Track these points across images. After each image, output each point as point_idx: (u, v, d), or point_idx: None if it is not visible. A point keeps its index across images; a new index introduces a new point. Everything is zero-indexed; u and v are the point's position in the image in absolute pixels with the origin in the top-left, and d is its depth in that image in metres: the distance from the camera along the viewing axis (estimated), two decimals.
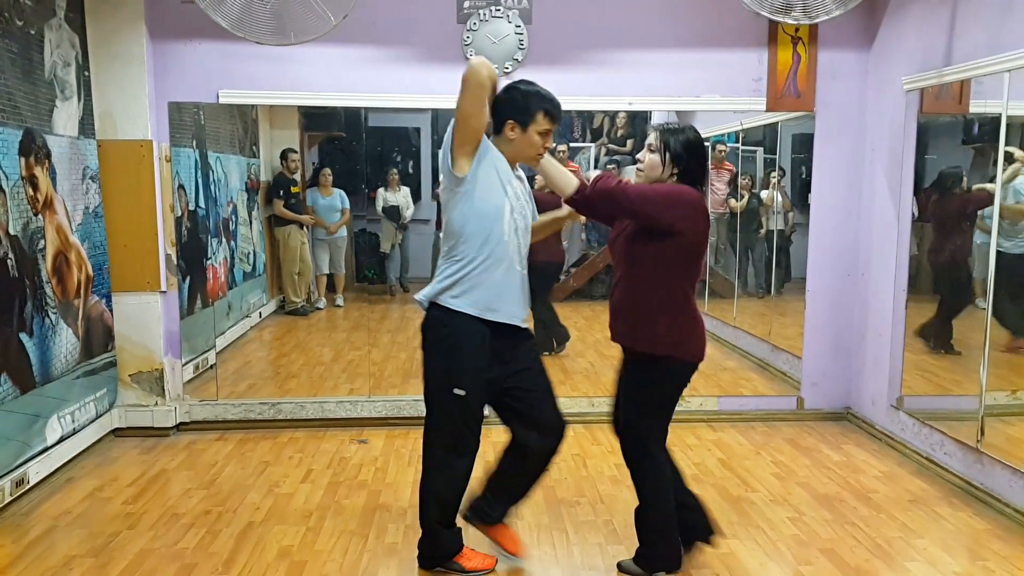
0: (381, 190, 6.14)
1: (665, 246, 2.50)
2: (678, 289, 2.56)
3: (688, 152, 2.55)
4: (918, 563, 2.85)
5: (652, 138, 2.59)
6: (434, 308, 2.61)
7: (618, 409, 2.78)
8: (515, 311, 2.63)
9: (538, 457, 2.75)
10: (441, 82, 4.20)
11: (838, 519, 3.21)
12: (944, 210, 3.85)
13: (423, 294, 2.64)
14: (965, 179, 3.76)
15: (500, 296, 2.57)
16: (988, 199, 3.41)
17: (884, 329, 4.15)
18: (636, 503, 2.74)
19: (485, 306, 2.55)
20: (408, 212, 6.16)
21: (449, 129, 2.49)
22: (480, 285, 2.55)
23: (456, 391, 2.57)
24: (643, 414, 2.65)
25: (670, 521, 2.69)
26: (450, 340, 2.58)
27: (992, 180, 3.37)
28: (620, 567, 2.80)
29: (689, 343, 2.60)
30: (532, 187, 2.76)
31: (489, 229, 2.52)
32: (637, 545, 2.75)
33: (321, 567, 2.81)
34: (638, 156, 2.66)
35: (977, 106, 3.58)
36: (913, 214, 3.96)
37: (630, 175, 2.98)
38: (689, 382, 2.66)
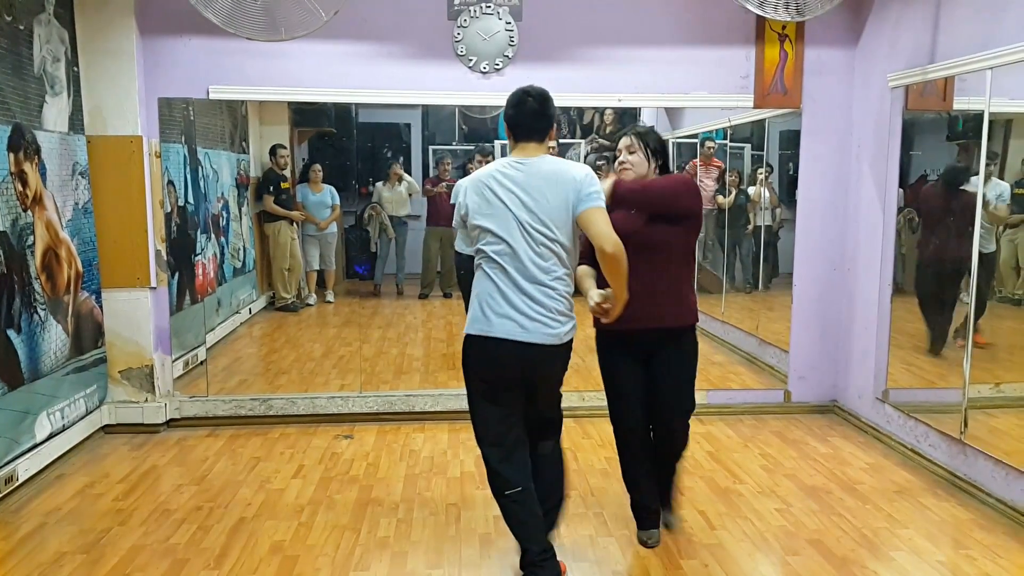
0: (379, 184, 6.11)
1: (689, 229, 2.81)
2: (694, 262, 2.93)
3: (662, 147, 2.85)
4: (903, 553, 2.90)
5: (629, 141, 2.81)
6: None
7: (656, 397, 2.86)
8: None
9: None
10: (432, 78, 4.21)
11: (825, 510, 3.25)
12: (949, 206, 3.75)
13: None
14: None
15: None
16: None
17: (870, 323, 4.20)
18: (626, 496, 3.02)
19: None
20: (403, 210, 6.14)
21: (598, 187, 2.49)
22: None
23: None
24: (694, 379, 2.90)
25: None
26: None
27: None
28: (669, 526, 3.06)
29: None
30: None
31: None
32: (632, 534, 3.01)
33: (313, 561, 2.82)
34: (620, 160, 2.83)
35: (961, 103, 3.62)
36: (901, 208, 4.02)
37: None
38: None
